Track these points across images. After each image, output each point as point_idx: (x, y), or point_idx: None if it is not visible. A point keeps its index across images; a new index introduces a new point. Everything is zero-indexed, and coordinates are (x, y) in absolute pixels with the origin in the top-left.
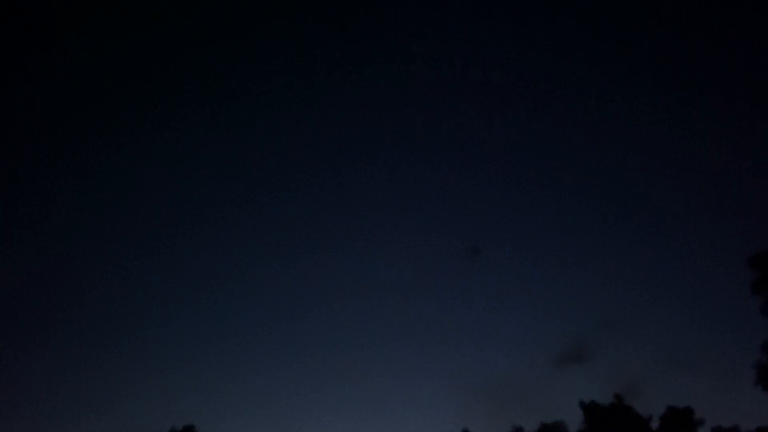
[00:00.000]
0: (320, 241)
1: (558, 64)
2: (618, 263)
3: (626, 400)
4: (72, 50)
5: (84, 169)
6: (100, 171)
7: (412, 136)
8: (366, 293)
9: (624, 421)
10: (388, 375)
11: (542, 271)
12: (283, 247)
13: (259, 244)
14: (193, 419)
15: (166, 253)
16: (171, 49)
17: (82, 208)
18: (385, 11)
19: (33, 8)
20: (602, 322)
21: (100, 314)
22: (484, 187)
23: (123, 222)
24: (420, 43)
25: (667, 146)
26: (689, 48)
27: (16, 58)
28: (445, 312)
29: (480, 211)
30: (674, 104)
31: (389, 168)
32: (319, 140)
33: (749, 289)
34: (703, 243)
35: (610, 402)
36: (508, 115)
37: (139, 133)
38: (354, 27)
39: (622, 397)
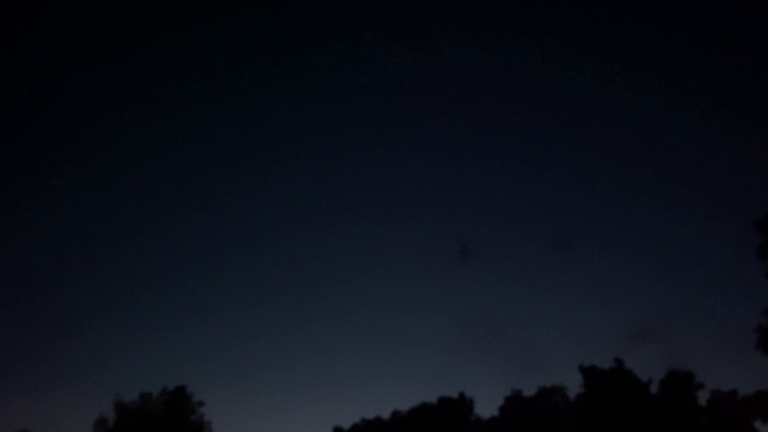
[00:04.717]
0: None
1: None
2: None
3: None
4: (59, 46)
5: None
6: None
7: (513, 135)
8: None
9: (623, 385)
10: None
11: (624, 263)
12: (301, 224)
13: (264, 223)
14: (184, 381)
15: (166, 228)
16: (159, 46)
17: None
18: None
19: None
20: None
21: (101, 279)
22: (581, 191)
23: (126, 198)
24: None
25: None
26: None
27: None
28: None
29: (573, 209)
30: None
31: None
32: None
33: (755, 254)
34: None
35: (610, 366)
36: (601, 119)
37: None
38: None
39: (623, 360)
